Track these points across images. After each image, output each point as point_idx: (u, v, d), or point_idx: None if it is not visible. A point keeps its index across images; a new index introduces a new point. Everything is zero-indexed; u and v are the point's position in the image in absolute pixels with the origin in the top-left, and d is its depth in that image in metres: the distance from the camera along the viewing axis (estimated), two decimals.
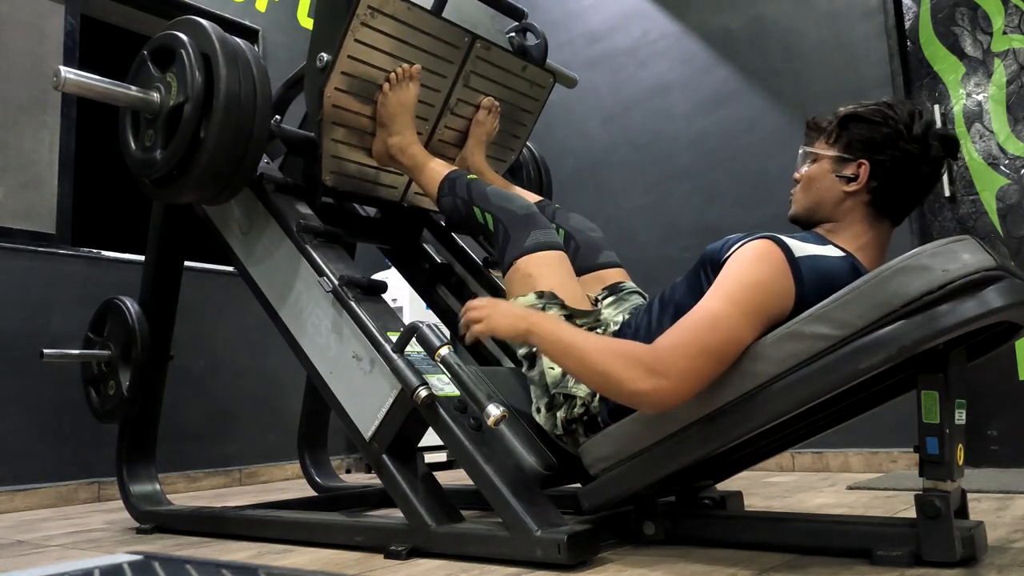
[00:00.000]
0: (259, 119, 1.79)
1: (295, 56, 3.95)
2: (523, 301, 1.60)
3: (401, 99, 1.93)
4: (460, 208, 1.80)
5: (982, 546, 1.29)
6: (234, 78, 1.75)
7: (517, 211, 1.72)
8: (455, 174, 1.85)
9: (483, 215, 1.75)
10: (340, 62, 1.84)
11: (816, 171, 1.45)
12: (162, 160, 1.80)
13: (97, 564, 1.58)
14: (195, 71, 1.75)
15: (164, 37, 1.86)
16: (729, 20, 3.48)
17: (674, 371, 1.26)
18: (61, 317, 2.96)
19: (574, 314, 1.59)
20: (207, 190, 1.83)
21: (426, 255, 2.38)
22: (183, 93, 1.76)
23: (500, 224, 1.72)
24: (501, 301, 1.52)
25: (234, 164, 1.79)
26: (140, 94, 1.83)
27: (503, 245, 1.71)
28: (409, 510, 1.57)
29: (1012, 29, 2.84)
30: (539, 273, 1.64)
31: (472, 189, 1.79)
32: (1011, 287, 1.15)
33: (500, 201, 1.75)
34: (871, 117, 1.39)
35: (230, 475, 3.42)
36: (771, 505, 2.08)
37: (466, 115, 2.14)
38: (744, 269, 1.32)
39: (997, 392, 2.72)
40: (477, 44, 2.03)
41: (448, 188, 1.83)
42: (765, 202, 3.23)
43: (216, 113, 1.73)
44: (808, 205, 1.46)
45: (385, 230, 2.37)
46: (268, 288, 1.92)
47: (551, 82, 2.26)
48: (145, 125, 1.88)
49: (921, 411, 1.23)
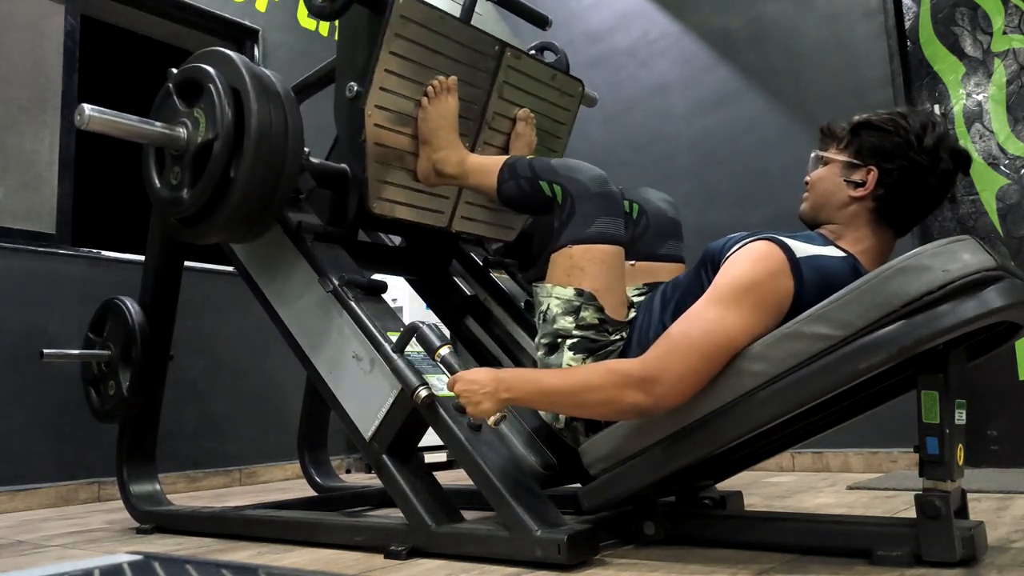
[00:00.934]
0: (291, 155, 1.73)
1: (295, 56, 3.95)
2: (559, 292, 1.55)
3: (442, 111, 1.86)
4: (524, 188, 1.68)
5: (982, 546, 1.29)
6: (265, 113, 1.69)
7: (591, 185, 1.59)
8: (513, 158, 1.75)
9: (551, 187, 1.63)
10: (377, 76, 1.77)
11: (825, 174, 1.45)
12: (190, 199, 1.74)
13: (97, 564, 1.58)
14: (225, 107, 1.69)
15: (190, 70, 1.79)
16: (729, 20, 3.48)
17: (667, 377, 1.29)
18: (61, 317, 2.96)
19: (607, 321, 1.54)
20: (235, 230, 1.78)
21: (455, 287, 2.27)
22: (212, 130, 1.70)
23: (569, 197, 1.59)
24: (474, 377, 1.44)
25: (265, 203, 1.73)
26: (166, 131, 1.76)
27: (566, 220, 1.59)
28: (409, 510, 1.57)
29: (1012, 29, 2.84)
30: (589, 269, 1.54)
31: (535, 164, 1.69)
32: (1011, 287, 1.15)
33: (569, 171, 1.63)
34: (883, 125, 1.39)
35: (230, 475, 3.42)
36: (771, 505, 2.08)
37: (504, 129, 2.09)
38: (742, 270, 1.32)
39: (997, 392, 2.71)
40: (507, 52, 2.00)
41: (509, 173, 1.72)
42: (765, 202, 3.23)
43: (247, 151, 1.66)
44: (815, 205, 1.47)
45: (412, 260, 2.28)
46: (268, 288, 1.92)
47: (580, 91, 2.23)
48: (171, 162, 1.81)
49: (921, 411, 1.24)
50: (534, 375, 1.45)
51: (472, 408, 1.41)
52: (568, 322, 1.53)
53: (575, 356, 1.52)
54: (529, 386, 1.42)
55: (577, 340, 1.53)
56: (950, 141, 1.39)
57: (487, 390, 1.41)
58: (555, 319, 1.55)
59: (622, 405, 1.33)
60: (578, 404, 1.39)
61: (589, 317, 1.53)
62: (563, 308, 1.54)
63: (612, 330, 1.55)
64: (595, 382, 1.35)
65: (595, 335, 1.53)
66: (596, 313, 1.53)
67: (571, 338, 1.53)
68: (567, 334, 1.53)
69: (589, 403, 1.37)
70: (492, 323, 2.21)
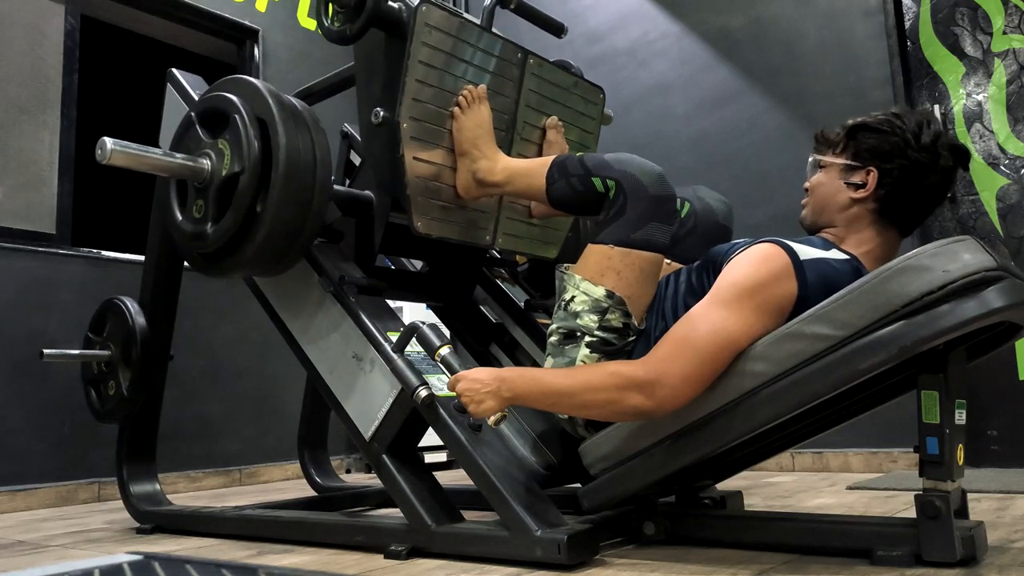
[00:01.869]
0: (319, 187, 1.67)
1: (295, 56, 3.96)
2: (590, 289, 1.49)
3: (477, 120, 1.80)
4: (576, 186, 1.58)
5: (982, 546, 1.29)
6: (294, 146, 1.63)
7: (647, 184, 1.49)
8: (562, 156, 1.65)
9: (603, 183, 1.52)
10: (408, 87, 1.71)
11: (824, 178, 1.45)
12: (214, 234, 1.68)
13: (97, 564, 1.58)
14: (252, 138, 1.64)
15: (215, 99, 1.74)
16: (729, 20, 3.48)
17: (669, 379, 1.29)
18: (61, 317, 2.96)
19: (630, 327, 1.50)
20: (261, 266, 1.73)
21: (480, 315, 2.22)
22: (238, 162, 1.64)
23: (622, 193, 1.50)
24: (476, 376, 1.43)
25: (292, 239, 1.68)
26: (190, 163, 1.70)
27: (614, 216, 1.50)
28: (409, 510, 1.57)
29: (1012, 29, 2.84)
30: (626, 275, 1.48)
31: (587, 161, 1.58)
32: (1011, 287, 1.15)
33: (625, 166, 1.52)
34: (879, 127, 1.39)
35: (230, 475, 3.42)
36: (771, 505, 2.08)
37: (534, 139, 2.04)
38: (745, 272, 1.33)
39: (997, 392, 2.72)
40: (530, 60, 1.97)
41: (559, 172, 1.62)
42: (765, 202, 3.23)
43: (275, 185, 1.62)
44: (816, 209, 1.46)
45: (435, 286, 2.20)
46: (269, 289, 1.92)
47: (602, 97, 2.20)
48: (194, 194, 1.75)
49: (921, 411, 1.24)
50: (536, 375, 1.45)
51: (474, 407, 1.41)
52: (592, 320, 1.49)
53: (591, 354, 1.49)
54: (531, 385, 1.41)
55: (597, 340, 1.49)
56: (948, 137, 1.39)
57: (489, 389, 1.40)
58: (578, 314, 1.51)
59: (624, 407, 1.33)
60: (580, 405, 1.39)
61: (615, 320, 1.49)
62: (590, 306, 1.50)
63: (633, 335, 1.51)
64: (597, 383, 1.35)
65: (615, 339, 1.49)
66: (622, 318, 1.49)
67: (591, 336, 1.49)
68: (588, 331, 1.49)
69: (591, 404, 1.37)
70: (518, 351, 2.16)
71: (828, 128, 1.48)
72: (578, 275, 1.52)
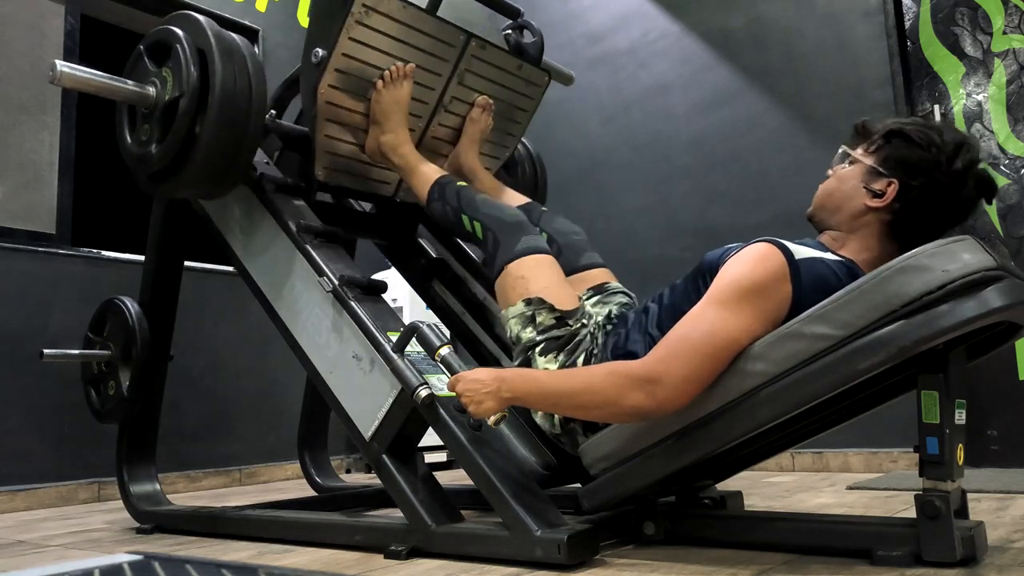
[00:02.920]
0: (254, 114, 1.80)
1: (295, 56, 3.94)
2: (513, 311, 1.63)
3: (395, 97, 1.93)
4: (449, 214, 1.81)
5: (982, 546, 1.29)
6: (229, 73, 1.76)
7: (507, 219, 1.74)
8: (445, 179, 1.86)
9: (471, 223, 1.76)
10: (335, 59, 1.84)
11: (848, 174, 1.42)
12: (157, 155, 1.81)
13: (97, 564, 1.58)
14: (190, 66, 1.75)
15: (160, 32, 1.87)
16: (729, 20, 3.48)
17: (669, 379, 1.29)
18: (61, 317, 2.96)
19: (563, 315, 1.60)
20: (203, 185, 1.84)
21: (422, 251, 2.39)
22: (178, 88, 1.76)
23: (489, 232, 1.73)
24: (476, 376, 1.44)
25: (229, 159, 1.80)
26: (136, 88, 1.83)
27: (493, 251, 1.71)
28: (409, 510, 1.57)
29: (1012, 29, 2.84)
30: (531, 275, 1.64)
31: (461, 196, 1.80)
32: (1011, 287, 1.15)
33: (489, 209, 1.76)
34: (915, 138, 1.35)
35: (230, 475, 3.42)
36: (771, 505, 2.08)
37: (460, 113, 2.13)
38: (742, 271, 1.32)
39: (997, 392, 2.72)
40: (472, 43, 2.03)
41: (438, 193, 1.84)
42: (765, 202, 3.23)
43: (211, 108, 1.73)
44: (826, 205, 1.43)
45: (381, 226, 2.38)
46: (268, 288, 1.92)
47: (546, 81, 2.26)
48: (141, 120, 1.88)
49: (921, 411, 1.23)
50: (536, 375, 1.45)
51: (474, 407, 1.41)
52: (530, 332, 1.60)
53: (546, 359, 1.57)
54: (531, 386, 1.42)
55: (543, 343, 1.58)
56: (980, 169, 1.34)
57: (489, 389, 1.41)
58: (519, 337, 1.62)
59: (624, 407, 1.33)
60: (580, 405, 1.39)
61: (545, 320, 1.59)
62: (521, 323, 1.62)
63: (571, 321, 1.60)
64: (597, 384, 1.35)
65: (557, 331, 1.59)
66: (550, 313, 1.60)
67: (537, 345, 1.59)
68: (532, 343, 1.59)
69: (591, 405, 1.37)
70: (459, 284, 2.30)
71: (872, 121, 1.44)
72: (503, 312, 1.68)
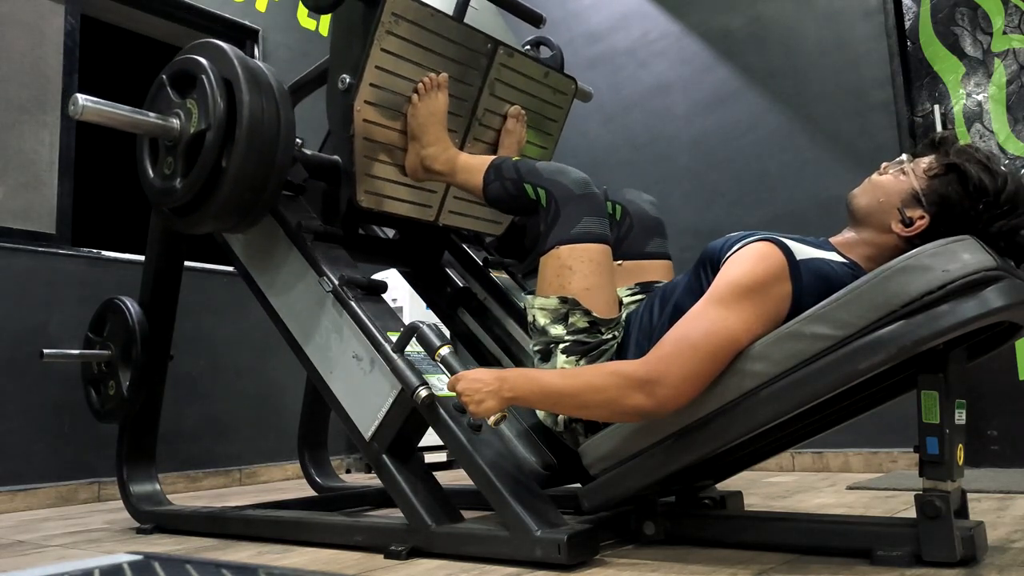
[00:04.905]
0: (282, 145, 1.75)
1: (295, 56, 3.95)
2: (544, 303, 1.57)
3: (431, 108, 1.87)
4: (509, 189, 1.69)
5: (982, 546, 1.29)
6: (257, 104, 1.71)
7: (573, 188, 1.60)
8: (499, 159, 1.76)
9: (535, 190, 1.64)
10: (368, 73, 1.78)
11: (892, 186, 1.36)
12: (182, 189, 1.76)
13: (97, 564, 1.58)
14: (217, 97, 1.70)
15: (184, 61, 1.81)
16: (729, 20, 3.48)
17: (670, 379, 1.29)
18: (61, 317, 2.96)
19: (598, 322, 1.55)
20: (228, 219, 1.80)
21: (448, 279, 2.29)
22: (205, 120, 1.71)
23: (553, 200, 1.60)
24: (477, 376, 1.43)
25: (256, 193, 1.75)
26: (160, 121, 1.77)
27: (551, 223, 1.60)
28: (409, 510, 1.57)
29: (1012, 29, 2.84)
30: (578, 268, 1.55)
31: (520, 167, 1.69)
32: (1011, 287, 1.15)
33: (553, 175, 1.64)
34: (970, 182, 1.28)
35: (230, 475, 3.42)
36: (771, 505, 2.08)
37: (494, 126, 2.09)
38: (743, 270, 1.32)
39: (997, 392, 2.71)
40: (500, 50, 2.00)
41: (494, 174, 1.73)
42: (765, 202, 3.23)
43: (239, 141, 1.68)
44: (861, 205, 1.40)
45: (405, 252, 2.28)
46: (268, 288, 1.92)
47: (573, 89, 2.23)
48: (164, 152, 1.83)
49: (921, 411, 1.23)
50: (537, 375, 1.45)
51: (475, 407, 1.41)
52: (559, 329, 1.56)
53: (568, 359, 1.54)
54: (532, 386, 1.41)
55: (569, 344, 1.55)
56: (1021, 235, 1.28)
57: (490, 389, 1.40)
58: (545, 329, 1.57)
59: (624, 407, 1.33)
60: (580, 405, 1.39)
61: (578, 322, 1.54)
62: (551, 317, 1.57)
63: (604, 330, 1.55)
64: (598, 383, 1.35)
65: (587, 337, 1.54)
66: (584, 316, 1.55)
67: (563, 343, 1.55)
68: (560, 339, 1.55)
69: (591, 404, 1.37)
70: (486, 316, 2.22)
71: (951, 139, 1.36)
72: (530, 296, 1.62)
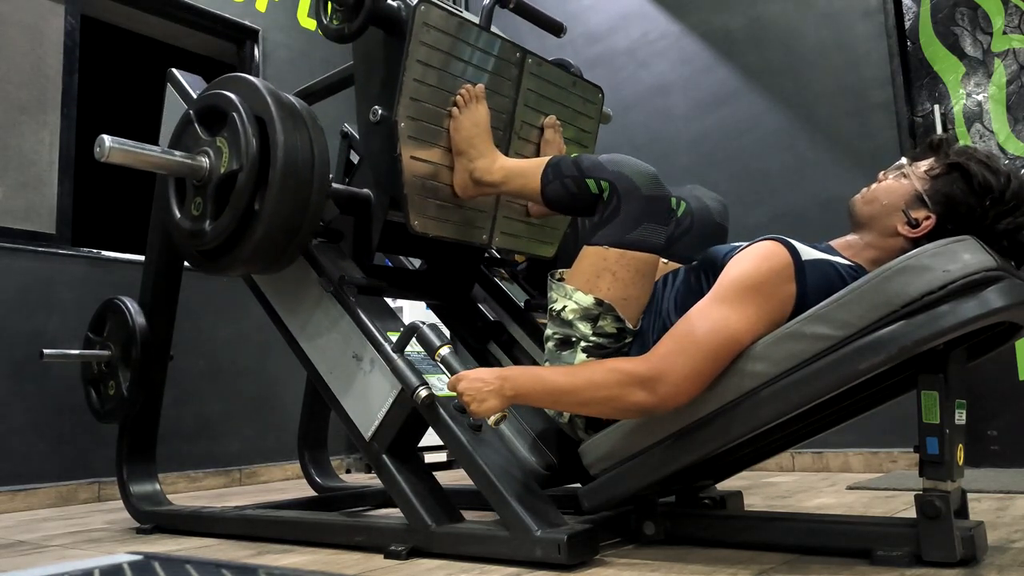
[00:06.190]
0: (317, 185, 1.67)
1: (295, 56, 3.95)
2: (578, 298, 1.49)
3: (474, 120, 1.80)
4: (570, 187, 1.56)
5: (982, 546, 1.29)
6: (292, 142, 1.63)
7: (641, 185, 1.47)
8: (556, 158, 1.64)
9: (597, 184, 1.50)
10: (406, 87, 1.71)
11: (895, 189, 1.37)
12: (212, 232, 1.68)
13: (97, 564, 1.58)
14: (250, 136, 1.63)
15: (212, 97, 1.74)
16: (729, 20, 3.48)
17: (671, 376, 1.29)
18: (61, 317, 2.96)
19: (626, 331, 1.50)
20: (261, 262, 1.72)
21: (479, 313, 2.20)
22: (236, 160, 1.64)
23: (616, 194, 1.47)
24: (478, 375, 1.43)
25: (291, 235, 1.67)
26: (188, 161, 1.70)
27: (608, 217, 1.48)
28: (409, 510, 1.57)
29: (1012, 29, 2.84)
30: (622, 276, 1.46)
31: (581, 162, 1.57)
32: (1011, 287, 1.15)
33: (619, 166, 1.50)
34: (975, 181, 1.29)
35: (230, 475, 3.42)
36: (771, 505, 2.08)
37: (532, 139, 2.02)
38: (747, 269, 1.32)
39: (997, 392, 2.71)
40: (529, 59, 1.97)
41: (553, 173, 1.60)
42: (765, 202, 3.23)
43: (273, 183, 1.61)
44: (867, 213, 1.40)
45: (433, 285, 2.17)
46: (268, 288, 1.92)
47: (600, 97, 2.20)
48: (192, 192, 1.75)
49: (921, 411, 1.24)
50: (538, 373, 1.44)
51: (476, 406, 1.40)
52: (586, 328, 1.49)
53: (588, 359, 1.49)
54: (533, 383, 1.41)
55: (593, 345, 1.49)
56: None
57: (492, 387, 1.40)
58: (571, 322, 1.50)
59: (626, 404, 1.33)
60: (582, 402, 1.39)
61: (607, 327, 1.48)
62: (581, 315, 1.49)
63: (630, 339, 1.51)
64: (599, 381, 1.35)
65: (610, 343, 1.49)
66: (615, 323, 1.48)
67: (587, 341, 1.49)
68: (584, 337, 1.49)
69: (593, 401, 1.37)
70: (516, 349, 2.14)
71: (950, 140, 1.38)
72: (570, 284, 1.52)
